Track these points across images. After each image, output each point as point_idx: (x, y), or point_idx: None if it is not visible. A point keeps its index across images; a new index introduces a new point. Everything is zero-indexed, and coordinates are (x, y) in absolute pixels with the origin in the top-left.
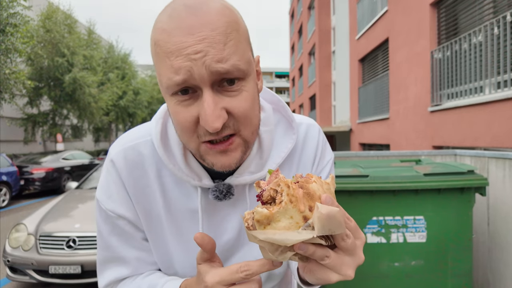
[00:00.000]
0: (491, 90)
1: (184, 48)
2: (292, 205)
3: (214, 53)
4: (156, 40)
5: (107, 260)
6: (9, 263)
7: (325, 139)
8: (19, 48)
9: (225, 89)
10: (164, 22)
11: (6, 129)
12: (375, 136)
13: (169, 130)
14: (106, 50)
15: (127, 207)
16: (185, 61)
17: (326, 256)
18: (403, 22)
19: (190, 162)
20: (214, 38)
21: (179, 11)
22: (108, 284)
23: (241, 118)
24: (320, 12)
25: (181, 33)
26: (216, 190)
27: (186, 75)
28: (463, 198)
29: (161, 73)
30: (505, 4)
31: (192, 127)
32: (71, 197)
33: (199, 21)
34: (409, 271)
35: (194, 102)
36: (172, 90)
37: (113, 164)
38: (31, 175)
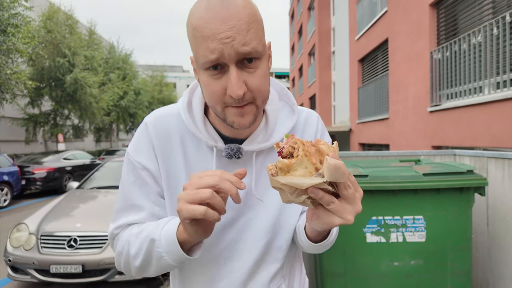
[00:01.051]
0: (490, 90)
1: (218, 34)
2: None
3: (239, 39)
4: (195, 26)
5: (123, 208)
6: (10, 263)
7: (323, 126)
8: (20, 49)
9: (246, 66)
10: (202, 11)
11: (7, 129)
12: (375, 136)
13: (193, 102)
14: (107, 51)
15: (152, 162)
16: (218, 44)
17: (332, 201)
18: (403, 22)
19: (208, 128)
20: (240, 26)
21: (214, 4)
22: (119, 226)
23: (256, 90)
24: (320, 13)
25: (216, 22)
26: (228, 148)
27: (219, 54)
28: (463, 198)
29: (198, 51)
30: (505, 4)
31: (220, 95)
32: (72, 197)
33: (229, 13)
34: (409, 270)
35: (222, 76)
36: (206, 66)
37: (146, 127)
38: (32, 175)
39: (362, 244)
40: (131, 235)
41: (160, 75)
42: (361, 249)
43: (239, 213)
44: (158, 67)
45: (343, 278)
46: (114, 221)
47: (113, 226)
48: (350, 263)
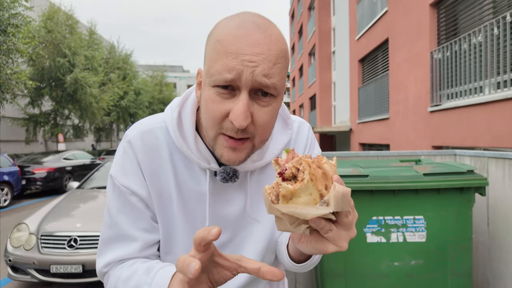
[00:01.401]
0: (490, 90)
1: (243, 55)
2: (312, 183)
3: (263, 68)
4: (220, 39)
5: (112, 238)
6: (10, 263)
7: (314, 136)
8: (20, 49)
9: (258, 98)
10: (232, 27)
11: (7, 129)
12: (375, 136)
13: (183, 118)
14: (107, 51)
15: (141, 185)
16: (239, 64)
17: (330, 230)
18: (403, 22)
19: (200, 147)
20: (268, 57)
21: (248, 24)
22: (109, 263)
23: (259, 128)
24: (320, 13)
25: (245, 41)
26: (223, 172)
27: (236, 76)
28: (463, 198)
29: (214, 66)
30: (505, 4)
31: (220, 118)
32: (72, 197)
33: (262, 39)
34: (409, 270)
35: (230, 98)
36: (217, 83)
37: (130, 145)
38: (32, 175)
39: (362, 244)
40: (119, 280)
41: (160, 75)
42: (362, 249)
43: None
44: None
45: (343, 278)
46: (102, 256)
47: (102, 263)
48: (350, 263)
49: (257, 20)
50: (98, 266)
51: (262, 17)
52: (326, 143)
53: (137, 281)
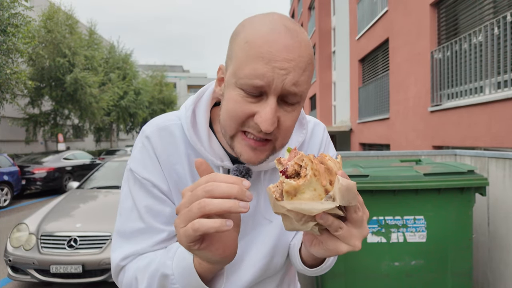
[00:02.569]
0: (491, 90)
1: (275, 61)
2: (315, 179)
3: (293, 76)
4: (250, 40)
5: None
6: (10, 263)
7: (329, 138)
8: (20, 49)
9: (284, 103)
10: (264, 31)
11: (7, 129)
12: (375, 136)
13: (197, 116)
14: (107, 51)
15: (161, 179)
16: (270, 71)
17: (340, 227)
18: (403, 22)
19: (214, 145)
20: (298, 64)
21: (279, 28)
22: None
23: (283, 131)
24: (320, 13)
25: (277, 46)
26: (236, 170)
27: (266, 83)
28: (463, 198)
29: (243, 68)
30: (505, 4)
31: (243, 118)
32: (72, 197)
33: (294, 44)
34: (409, 270)
35: (256, 102)
36: (246, 88)
37: (149, 140)
38: (32, 175)
39: (362, 244)
40: (138, 269)
41: (160, 75)
42: (362, 249)
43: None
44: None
45: (343, 278)
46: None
47: (120, 256)
48: (351, 263)
49: (288, 24)
50: (115, 260)
51: (292, 21)
52: None
53: (158, 262)
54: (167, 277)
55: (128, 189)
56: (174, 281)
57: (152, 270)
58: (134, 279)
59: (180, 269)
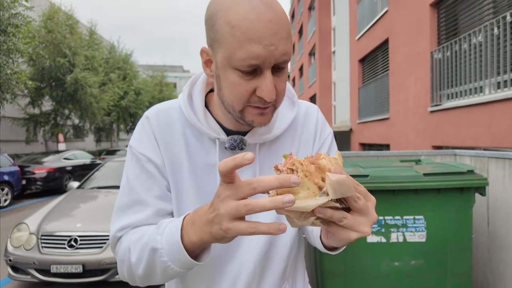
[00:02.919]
0: (491, 90)
1: (263, 38)
2: (307, 179)
3: (281, 48)
4: (236, 25)
5: (128, 204)
6: (11, 262)
7: (323, 118)
8: (20, 49)
9: (277, 71)
10: (245, 11)
11: (8, 129)
12: (375, 136)
13: (193, 95)
14: (107, 51)
15: (156, 155)
16: (262, 50)
17: (343, 217)
18: (403, 22)
19: (209, 120)
20: (282, 34)
21: (257, 5)
22: (123, 228)
23: (279, 94)
24: (320, 13)
25: (261, 24)
26: (231, 139)
27: (261, 61)
28: (463, 198)
29: (236, 53)
30: (505, 4)
31: (248, 95)
32: (72, 197)
33: (275, 16)
34: (409, 270)
35: (254, 78)
36: (243, 68)
37: (148, 120)
38: (32, 175)
39: (362, 244)
40: (131, 240)
41: (161, 75)
42: (362, 249)
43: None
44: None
45: (343, 278)
46: (117, 222)
47: (116, 228)
48: (351, 263)
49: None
50: (112, 232)
51: None
52: None
53: (149, 236)
54: (156, 250)
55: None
56: (163, 254)
57: (143, 243)
58: (128, 250)
59: (169, 244)
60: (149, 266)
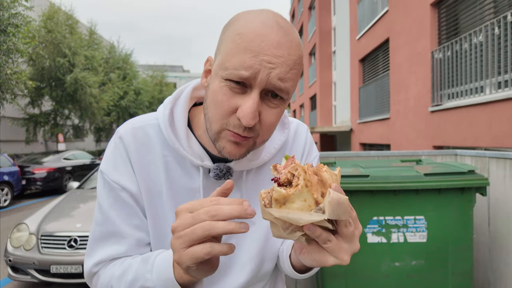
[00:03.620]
0: (491, 90)
1: (263, 54)
2: (307, 189)
3: (280, 71)
4: (241, 33)
5: (103, 236)
6: (10, 263)
7: (312, 138)
8: (20, 49)
9: (268, 99)
10: (257, 25)
11: (7, 129)
12: (376, 136)
13: (175, 115)
14: (107, 51)
15: (131, 181)
16: (257, 63)
17: (329, 240)
18: (404, 22)
19: (192, 144)
20: (286, 61)
21: (272, 24)
22: (99, 262)
23: (264, 127)
24: (321, 12)
25: (267, 41)
26: (217, 168)
27: (251, 74)
28: (464, 198)
29: (230, 60)
30: (506, 4)
31: (228, 112)
32: (72, 197)
33: (285, 42)
34: (410, 270)
35: (240, 93)
36: (231, 78)
37: (121, 140)
38: (32, 175)
39: (363, 244)
40: (113, 276)
41: (161, 75)
42: (362, 249)
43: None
44: (159, 67)
45: (343, 279)
46: (91, 255)
47: (91, 263)
48: (351, 263)
49: (280, 21)
50: (87, 266)
51: (285, 19)
52: (327, 143)
53: (135, 273)
54: None
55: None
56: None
57: (130, 281)
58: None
59: (162, 282)
60: None
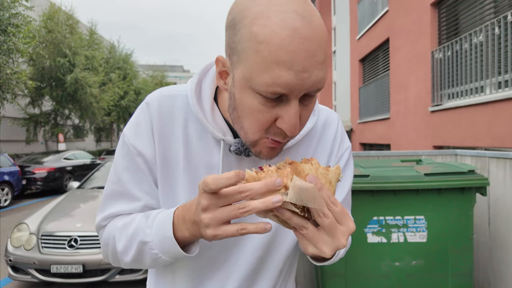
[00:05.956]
0: (491, 90)
1: (296, 63)
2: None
3: (316, 74)
4: (263, 40)
5: (115, 194)
6: (11, 263)
7: (343, 129)
8: (21, 49)
9: (304, 99)
10: (276, 24)
11: (8, 129)
12: (376, 136)
13: (203, 86)
14: (107, 50)
15: (150, 148)
16: (293, 78)
17: (304, 226)
18: (404, 22)
19: (216, 118)
20: (319, 56)
21: (292, 18)
22: (108, 216)
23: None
24: (321, 12)
25: (294, 43)
26: (238, 143)
27: (289, 90)
28: (464, 198)
29: (260, 74)
30: (506, 4)
31: (266, 125)
32: (72, 197)
33: (312, 33)
34: (410, 270)
35: (277, 105)
36: (264, 93)
37: (148, 106)
38: (33, 175)
39: (363, 244)
40: (115, 227)
41: (161, 75)
42: (362, 249)
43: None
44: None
45: (344, 278)
46: (102, 209)
47: (101, 217)
48: (351, 263)
49: (298, 9)
50: (97, 220)
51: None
52: None
53: (136, 227)
54: (146, 243)
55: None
56: (153, 247)
57: (131, 235)
58: (112, 237)
59: (160, 237)
60: (138, 256)
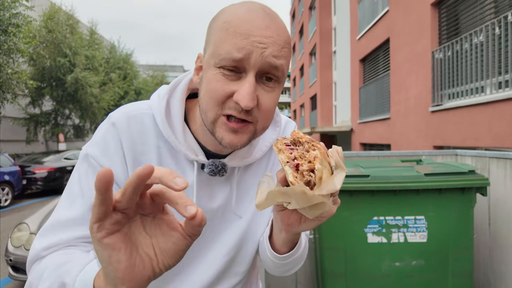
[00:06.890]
0: (492, 90)
1: (253, 36)
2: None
3: (273, 49)
4: (228, 20)
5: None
6: (11, 262)
7: None
8: (21, 48)
9: (263, 82)
10: (242, 12)
11: (8, 129)
12: (376, 136)
13: (171, 107)
14: (108, 50)
15: (121, 169)
16: (249, 44)
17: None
18: (404, 22)
19: (188, 138)
20: (277, 40)
21: (258, 11)
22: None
23: (263, 112)
24: (321, 13)
25: (254, 24)
26: (212, 164)
27: (245, 55)
28: (464, 198)
29: (221, 46)
30: (506, 4)
31: (223, 98)
32: None
33: (272, 25)
34: (410, 271)
35: (235, 80)
36: (224, 63)
37: (115, 126)
38: (33, 175)
39: (363, 244)
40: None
41: (161, 74)
42: (362, 249)
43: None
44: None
45: (344, 279)
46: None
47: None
48: (351, 264)
49: (265, 9)
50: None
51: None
52: (327, 143)
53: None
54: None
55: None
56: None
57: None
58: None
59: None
60: None
